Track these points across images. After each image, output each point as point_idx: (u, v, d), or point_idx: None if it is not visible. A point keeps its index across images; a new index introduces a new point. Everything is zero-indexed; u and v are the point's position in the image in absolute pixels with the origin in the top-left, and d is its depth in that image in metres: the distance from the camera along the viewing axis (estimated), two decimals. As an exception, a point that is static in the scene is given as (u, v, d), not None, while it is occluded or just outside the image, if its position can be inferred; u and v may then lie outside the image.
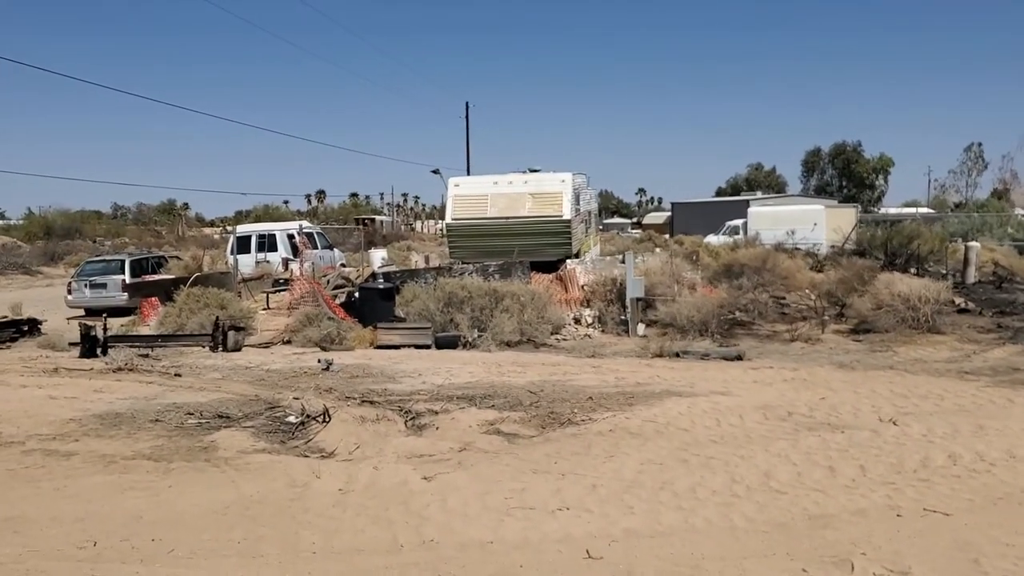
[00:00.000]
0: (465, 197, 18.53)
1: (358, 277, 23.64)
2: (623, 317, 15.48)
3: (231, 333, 13.87)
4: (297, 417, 8.36)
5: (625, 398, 8.89)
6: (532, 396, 9.18)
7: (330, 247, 28.17)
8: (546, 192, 17.98)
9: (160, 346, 14.23)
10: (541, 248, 17.84)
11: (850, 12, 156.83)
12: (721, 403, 8.52)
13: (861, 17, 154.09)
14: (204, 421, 8.40)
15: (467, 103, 51.45)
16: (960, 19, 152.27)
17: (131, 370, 11.76)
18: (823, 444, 6.88)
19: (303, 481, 6.32)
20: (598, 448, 6.97)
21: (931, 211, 58.17)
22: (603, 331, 15.38)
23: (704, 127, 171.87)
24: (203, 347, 14.14)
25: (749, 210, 42.32)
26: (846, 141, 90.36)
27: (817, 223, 37.17)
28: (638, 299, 15.30)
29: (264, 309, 18.90)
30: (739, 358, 12.33)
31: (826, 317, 15.24)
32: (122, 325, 16.99)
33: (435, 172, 39.76)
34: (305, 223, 29.29)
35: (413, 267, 28.12)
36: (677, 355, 12.39)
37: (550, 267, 17.72)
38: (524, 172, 19.34)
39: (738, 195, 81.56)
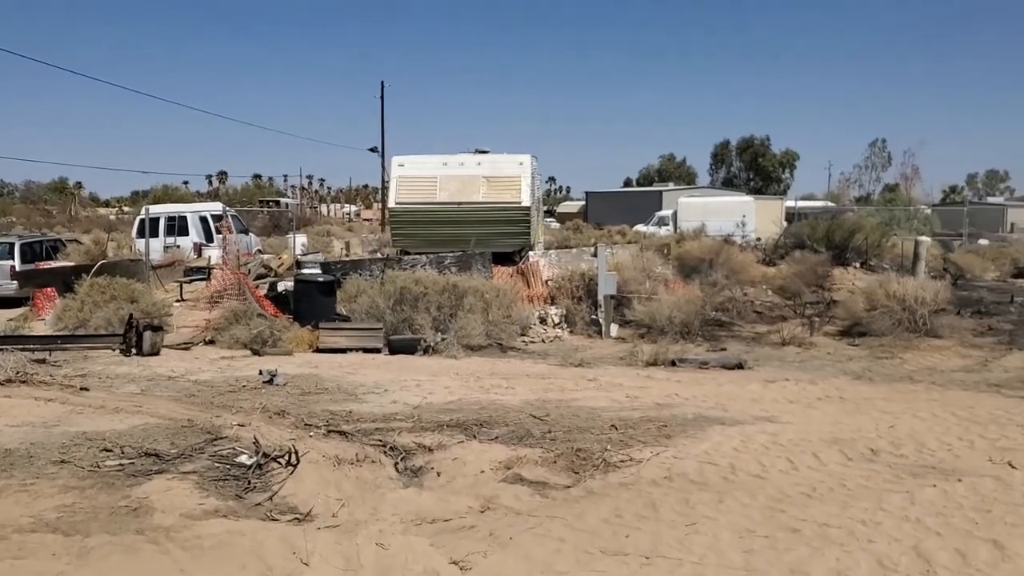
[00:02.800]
0: (411, 179, 16.60)
1: (280, 265, 21.45)
2: (593, 316, 13.94)
3: (147, 334, 11.69)
4: (251, 456, 6.44)
5: (656, 427, 7.28)
6: (539, 423, 7.48)
7: (245, 231, 25.74)
8: (503, 176, 16.22)
9: (60, 348, 11.89)
10: (496, 238, 16.09)
11: (758, 8, 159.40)
12: (778, 435, 6.99)
13: (769, 12, 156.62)
14: (128, 462, 6.39)
15: (382, 83, 48.99)
16: (865, 17, 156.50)
17: (23, 382, 9.52)
18: (947, 499, 5.41)
19: (285, 570, 4.48)
20: (666, 508, 5.33)
21: (831, 204, 58.79)
22: (572, 332, 13.81)
23: (614, 117, 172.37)
24: (113, 350, 11.91)
25: (679, 200, 41.58)
26: (754, 135, 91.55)
27: (747, 215, 36.58)
28: (611, 297, 13.77)
29: (178, 301, 16.64)
30: (740, 366, 10.97)
31: (815, 319, 14.00)
32: (10, 320, 14.52)
33: (373, 151, 37.41)
34: (220, 205, 26.76)
35: (341, 256, 26.02)
36: (673, 363, 10.91)
37: (506, 259, 16.03)
38: (473, 152, 17.52)
39: (650, 186, 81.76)
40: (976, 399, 8.89)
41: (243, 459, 6.44)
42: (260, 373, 9.71)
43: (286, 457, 6.29)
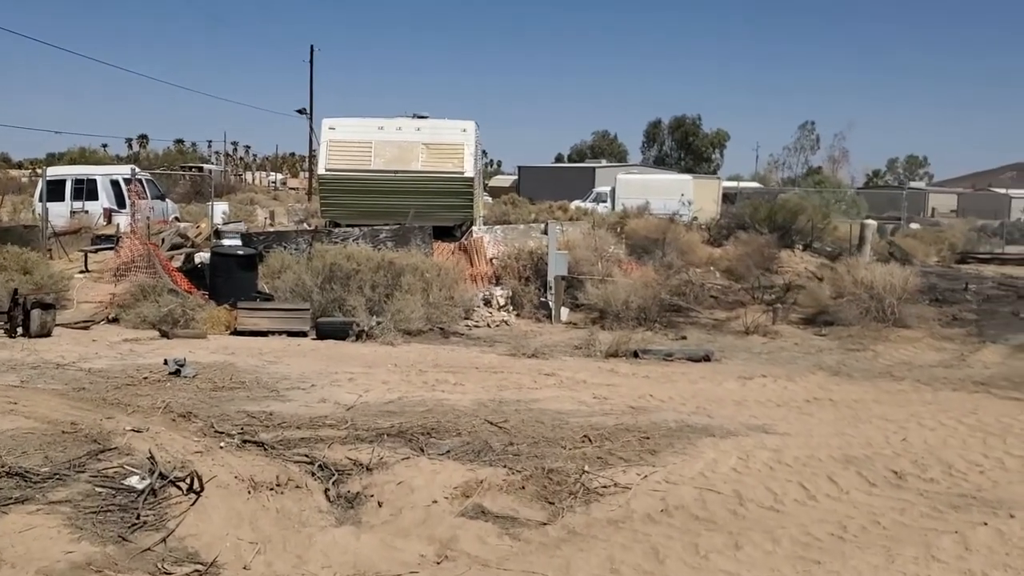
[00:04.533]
0: (343, 144, 15.10)
1: (198, 235, 19.75)
2: (543, 299, 12.81)
3: (36, 312, 10.11)
4: (144, 478, 5.13)
5: (637, 439, 6.17)
6: (498, 432, 6.30)
7: (161, 197, 23.81)
8: (444, 143, 14.85)
9: (-75, 328, 10.25)
10: (437, 210, 14.76)
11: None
12: (781, 451, 5.96)
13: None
14: (-18, 486, 5.03)
15: (312, 47, 46.79)
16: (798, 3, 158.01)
17: None
18: (1005, 542, 4.45)
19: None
20: (673, 558, 4.23)
21: (759, 186, 58.98)
22: (519, 315, 12.67)
23: (546, 93, 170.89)
24: (-7, 330, 10.33)
25: (618, 177, 40.73)
26: (686, 114, 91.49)
27: (684, 194, 35.95)
28: (562, 278, 12.66)
29: (81, 272, 14.94)
30: (707, 358, 10.00)
31: (778, 306, 13.12)
32: None
33: (301, 112, 35.46)
34: (133, 168, 24.74)
35: (265, 226, 24.40)
36: (635, 354, 9.85)
37: (447, 234, 14.76)
38: (412, 117, 16.09)
39: (582, 162, 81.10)
40: (974, 402, 8.06)
41: (133, 481, 5.11)
42: (165, 363, 8.30)
43: (187, 481, 5.00)
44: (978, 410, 7.64)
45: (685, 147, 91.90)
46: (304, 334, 10.78)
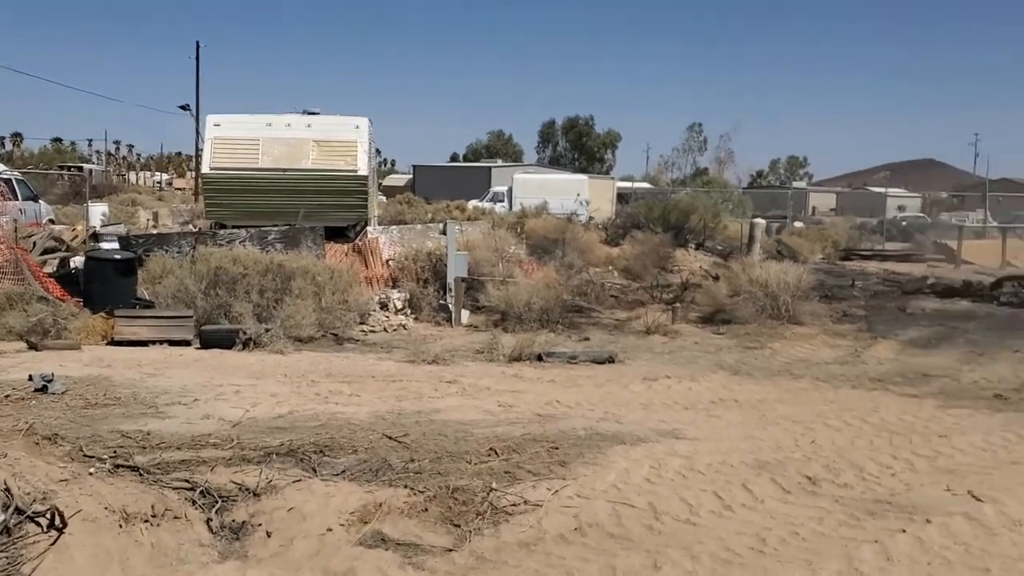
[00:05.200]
0: (229, 141, 14.36)
1: (74, 238, 18.56)
2: (442, 301, 12.45)
3: None
4: (-5, 515, 4.55)
5: (546, 450, 5.88)
6: (398, 448, 5.91)
7: (34, 198, 22.31)
8: (337, 140, 14.28)
9: None
10: (329, 210, 14.18)
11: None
12: (692, 457, 5.77)
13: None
14: None
15: (198, 43, 45.15)
16: (684, 3, 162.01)
17: None
18: (925, 550, 4.34)
19: None
20: (591, 583, 3.95)
21: (650, 186, 60.21)
22: (417, 319, 12.26)
23: (441, 92, 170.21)
24: None
25: (515, 177, 40.72)
26: (579, 115, 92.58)
27: (580, 193, 36.16)
28: (462, 279, 12.32)
29: (-62, 281, 13.73)
30: (611, 360, 9.84)
31: (677, 305, 13.10)
32: None
33: (184, 108, 33.97)
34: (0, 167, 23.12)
35: (147, 228, 23.21)
36: (539, 358, 9.60)
37: (340, 234, 14.20)
38: (302, 113, 15.45)
39: (478, 161, 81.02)
40: (874, 400, 8.12)
41: (-16, 519, 4.52)
42: (30, 379, 7.57)
43: (47, 518, 4.44)
44: (879, 408, 7.68)
45: (579, 147, 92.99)
46: (187, 343, 10.12)
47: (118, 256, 11.41)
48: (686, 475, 5.43)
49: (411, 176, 66.87)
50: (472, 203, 36.71)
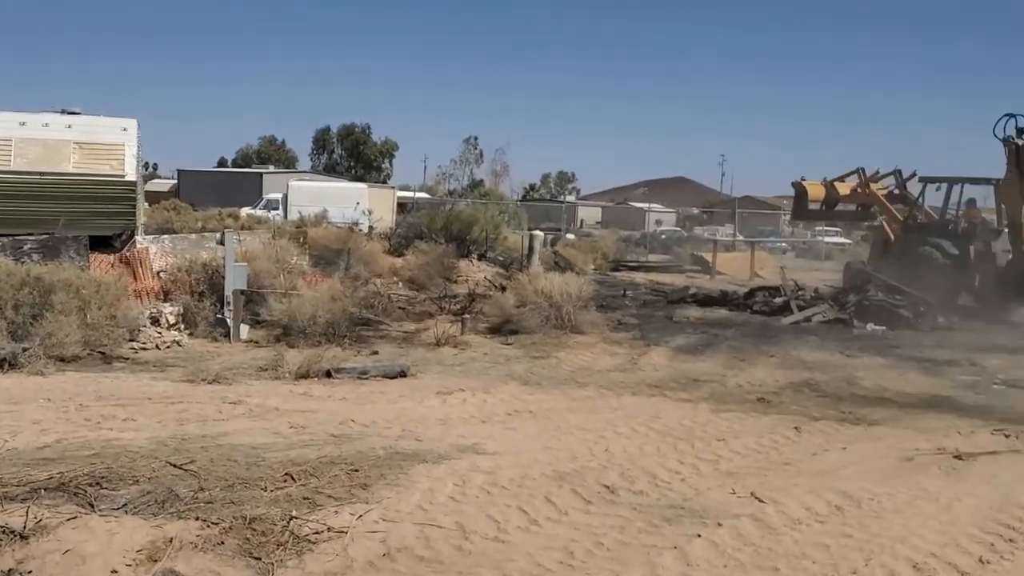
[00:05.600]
0: (-25, 141, 12.86)
1: None
2: (220, 315, 11.80)
3: None
4: None
5: (345, 472, 5.67)
6: (184, 476, 5.48)
7: None
8: (102, 143, 13.14)
9: None
10: (93, 218, 13.01)
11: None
12: (495, 472, 5.78)
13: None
14: None
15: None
16: (455, 19, 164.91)
17: None
18: (720, 553, 4.57)
19: None
20: (406, 610, 3.83)
21: (428, 196, 60.95)
22: (192, 335, 11.54)
23: (208, 94, 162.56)
24: None
25: (290, 184, 39.54)
26: (355, 123, 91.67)
27: (360, 202, 35.75)
28: (241, 292, 11.74)
29: None
30: (403, 374, 9.71)
31: (466, 316, 13.19)
32: None
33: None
34: None
35: None
36: (328, 374, 9.30)
37: (105, 244, 13.11)
38: (61, 112, 14.11)
39: (249, 167, 78.07)
40: (654, 406, 8.52)
41: None
42: None
43: None
44: (660, 414, 8.07)
45: (355, 155, 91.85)
46: (-78, 366, 8.93)
47: None
48: (491, 491, 5.42)
49: (176, 181, 63.19)
50: (246, 211, 35.20)
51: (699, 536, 4.74)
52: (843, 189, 20.51)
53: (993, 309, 16.12)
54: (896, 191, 19.38)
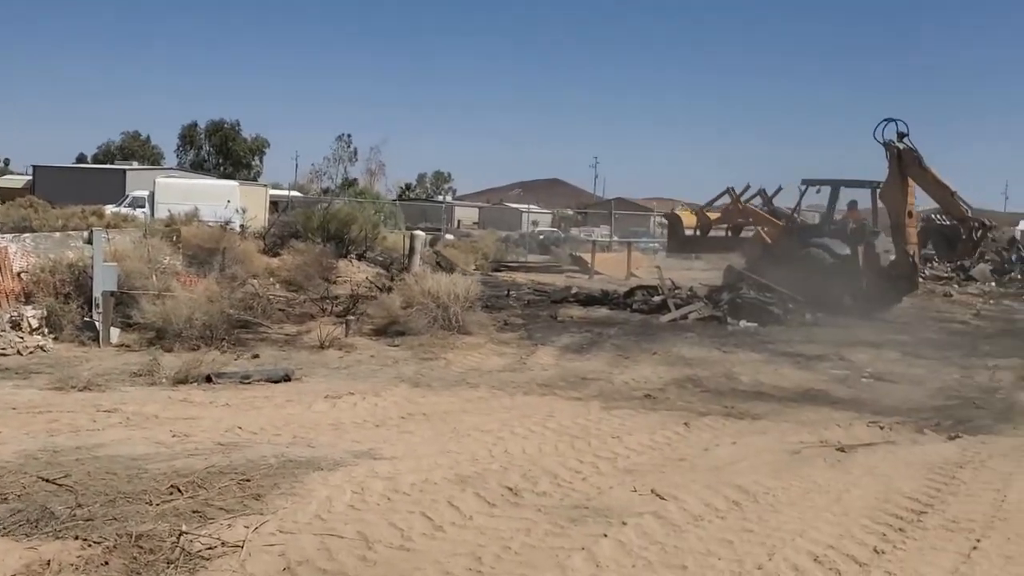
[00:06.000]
0: None
1: None
2: (88, 318, 11.12)
3: None
4: None
5: (236, 483, 5.40)
6: (59, 492, 5.09)
7: None
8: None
9: None
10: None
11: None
12: (394, 478, 5.62)
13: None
14: None
15: None
16: (330, 13, 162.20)
17: None
18: (627, 552, 4.58)
19: None
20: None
21: (300, 194, 59.86)
22: (58, 339, 10.83)
23: (62, 86, 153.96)
24: None
25: (157, 181, 38.01)
26: (224, 119, 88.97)
27: (231, 200, 34.68)
28: (111, 293, 11.10)
29: None
30: (287, 378, 9.39)
31: (351, 318, 12.89)
32: None
33: None
34: None
35: None
36: (209, 379, 8.89)
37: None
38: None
39: (111, 163, 74.57)
40: (547, 405, 8.53)
41: None
42: None
43: None
44: (554, 413, 8.08)
45: (224, 152, 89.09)
46: None
47: None
48: (391, 497, 5.27)
49: (30, 178, 59.60)
50: (110, 208, 33.53)
51: (605, 536, 4.74)
52: (713, 214, 21.21)
53: (874, 307, 16.93)
54: (764, 209, 20.05)
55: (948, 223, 19.39)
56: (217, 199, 33.58)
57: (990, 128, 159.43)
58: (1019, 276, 26.93)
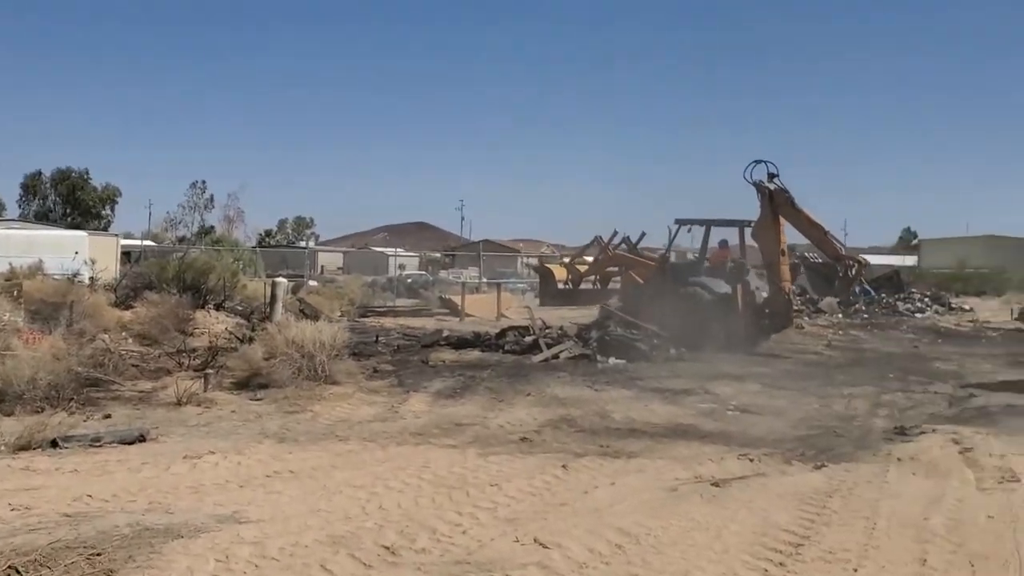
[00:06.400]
0: None
1: None
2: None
3: None
4: None
5: (85, 558, 4.92)
6: None
7: None
8: None
9: None
10: None
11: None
12: (263, 543, 5.27)
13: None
14: None
15: None
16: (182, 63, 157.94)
17: None
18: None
19: None
20: None
21: (153, 243, 57.81)
22: None
23: None
24: None
25: (-2, 233, 35.66)
26: (72, 167, 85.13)
27: (79, 251, 32.94)
28: (-60, 355, 10.18)
29: None
30: (142, 439, 8.81)
31: (209, 372, 12.27)
32: None
33: None
34: None
35: None
36: (55, 444, 8.21)
37: None
38: None
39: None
40: (422, 455, 8.29)
41: None
42: None
43: None
44: (430, 463, 7.85)
45: (72, 202, 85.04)
46: None
47: None
48: (259, 564, 4.94)
49: None
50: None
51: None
52: (582, 267, 21.56)
53: (750, 343, 17.46)
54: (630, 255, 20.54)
55: (821, 261, 20.35)
56: (64, 251, 31.78)
57: (829, 168, 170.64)
58: (862, 308, 28.61)
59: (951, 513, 6.09)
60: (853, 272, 18.70)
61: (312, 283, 38.21)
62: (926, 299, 32.33)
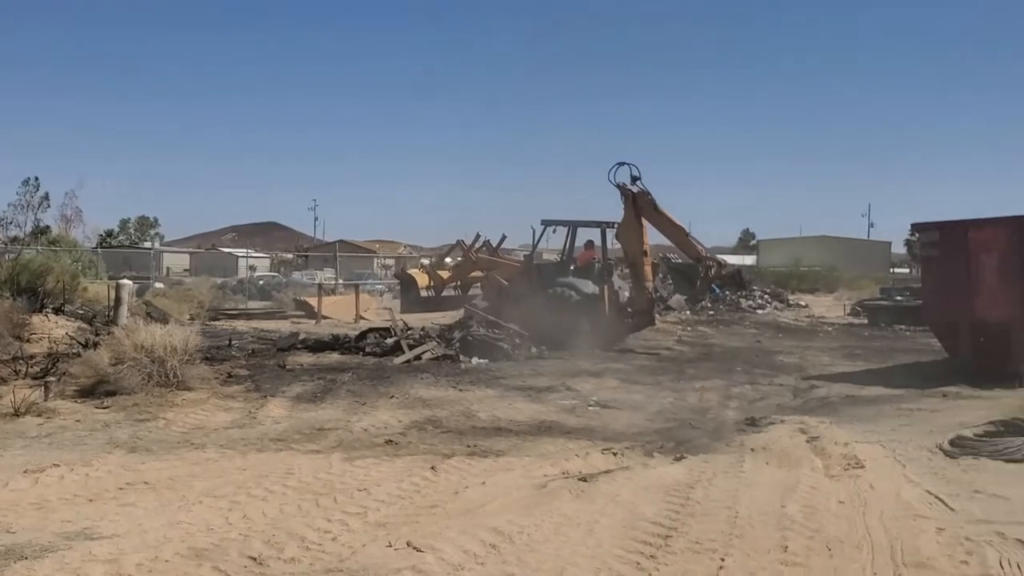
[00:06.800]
0: None
1: None
2: None
3: None
4: None
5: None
6: None
7: None
8: None
9: None
10: None
11: None
12: (118, 560, 4.96)
13: None
14: None
15: None
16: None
17: None
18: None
19: None
20: None
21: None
22: None
23: None
24: None
25: None
26: None
27: None
28: None
29: None
30: (-22, 455, 8.15)
31: (50, 380, 11.49)
32: None
33: None
34: None
35: None
36: None
37: None
38: None
39: None
40: (284, 462, 8.03)
41: None
42: None
43: None
44: (293, 469, 7.63)
45: None
46: None
47: None
48: (119, 582, 4.65)
49: None
50: None
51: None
52: (444, 273, 21.50)
53: (613, 341, 17.89)
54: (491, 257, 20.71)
55: (683, 261, 21.05)
56: None
57: (684, 172, 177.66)
58: (708, 305, 29.85)
59: (805, 500, 6.42)
60: (713, 272, 19.49)
61: (158, 285, 36.53)
62: (767, 296, 34.13)
